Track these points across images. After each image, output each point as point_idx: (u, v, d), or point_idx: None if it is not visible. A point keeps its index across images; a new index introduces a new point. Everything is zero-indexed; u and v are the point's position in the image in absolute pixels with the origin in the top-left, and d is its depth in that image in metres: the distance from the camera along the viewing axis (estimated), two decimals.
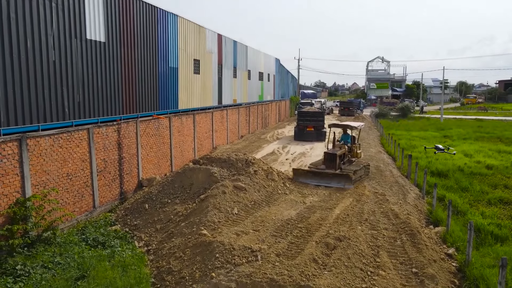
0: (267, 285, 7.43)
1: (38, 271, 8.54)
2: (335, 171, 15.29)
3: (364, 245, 9.15)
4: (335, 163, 15.60)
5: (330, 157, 15.86)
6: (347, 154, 17.16)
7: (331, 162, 15.74)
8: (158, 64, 17.12)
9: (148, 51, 16.26)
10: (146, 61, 16.14)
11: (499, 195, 14.93)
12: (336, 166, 15.61)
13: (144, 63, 16.00)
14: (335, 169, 15.49)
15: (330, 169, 15.47)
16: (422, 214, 12.46)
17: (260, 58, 35.36)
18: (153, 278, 8.71)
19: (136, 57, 15.34)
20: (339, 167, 15.78)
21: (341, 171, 15.47)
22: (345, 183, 14.78)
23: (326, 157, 16.10)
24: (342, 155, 16.53)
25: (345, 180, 14.87)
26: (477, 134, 33.60)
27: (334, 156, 15.77)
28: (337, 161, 15.66)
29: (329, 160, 15.85)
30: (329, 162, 15.79)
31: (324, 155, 16.28)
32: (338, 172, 15.30)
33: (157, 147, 16.99)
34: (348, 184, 14.72)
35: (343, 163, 16.43)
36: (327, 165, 15.82)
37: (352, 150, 17.56)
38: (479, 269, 8.23)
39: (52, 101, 11.16)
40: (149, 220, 11.90)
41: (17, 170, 9.89)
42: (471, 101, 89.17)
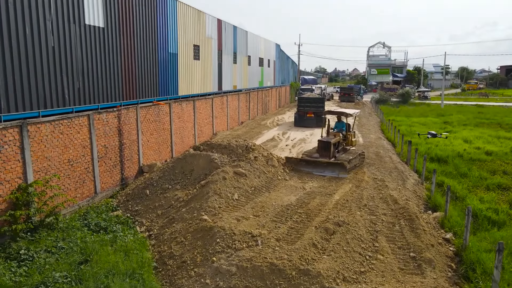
0: (267, 269, 7.56)
1: (41, 256, 8.68)
2: (329, 160, 14.93)
3: (363, 230, 9.27)
4: (329, 152, 15.21)
5: (324, 145, 15.42)
6: (342, 142, 16.79)
7: (325, 150, 15.32)
8: (158, 49, 17.00)
9: (148, 37, 16.13)
10: (146, 47, 16.03)
11: (498, 181, 15.03)
12: (331, 154, 15.24)
13: (144, 49, 15.89)
14: (329, 157, 15.12)
15: (324, 158, 15.10)
16: (421, 199, 12.57)
17: (260, 43, 35.07)
18: (155, 262, 8.86)
19: (135, 43, 15.23)
20: (333, 155, 15.40)
21: (335, 159, 15.10)
22: (339, 172, 14.45)
23: (320, 145, 15.64)
24: (337, 143, 16.15)
25: (339, 169, 14.53)
26: (477, 120, 33.60)
27: (328, 144, 15.35)
28: (331, 149, 15.27)
29: (323, 148, 15.42)
30: (323, 151, 15.36)
31: (318, 143, 15.79)
32: (332, 160, 14.94)
33: (157, 133, 17.01)
34: (342, 173, 14.40)
35: (337, 151, 16.05)
36: (321, 154, 15.40)
37: (347, 138, 17.15)
38: (476, 253, 8.36)
39: (52, 88, 11.14)
40: (150, 205, 12.02)
41: (19, 156, 9.94)
42: (472, 87, 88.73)
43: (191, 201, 11.21)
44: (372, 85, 78.92)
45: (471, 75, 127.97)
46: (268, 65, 38.40)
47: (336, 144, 16.06)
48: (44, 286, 7.30)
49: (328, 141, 15.40)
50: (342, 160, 14.89)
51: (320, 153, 15.55)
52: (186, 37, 19.84)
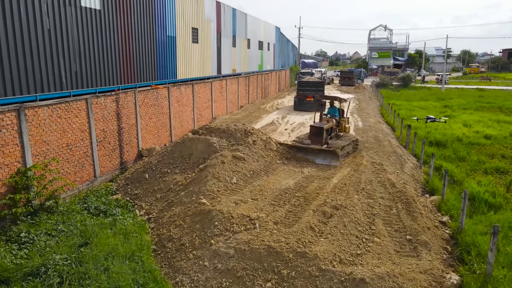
0: (265, 251, 7.66)
1: (42, 238, 8.77)
2: (321, 147, 14.41)
3: (360, 213, 9.35)
4: (321, 138, 14.60)
5: (317, 131, 14.77)
6: (335, 128, 16.24)
7: (317, 136, 14.71)
8: (156, 32, 16.81)
9: (145, 19, 15.92)
10: (144, 30, 15.84)
11: (496, 165, 15.08)
12: (323, 140, 14.63)
13: (142, 32, 15.71)
14: (322, 144, 14.55)
15: (316, 144, 14.60)
16: (418, 183, 12.63)
17: (259, 26, 34.63)
18: (154, 245, 8.96)
19: (133, 25, 15.04)
20: (325, 142, 14.81)
21: (327, 146, 14.58)
22: (331, 159, 14.03)
23: (312, 130, 14.95)
24: (330, 129, 15.57)
25: (331, 156, 14.09)
26: (478, 104, 33.49)
27: (320, 130, 14.70)
28: (323, 135, 14.64)
29: (315, 134, 14.78)
30: (315, 136, 14.75)
31: (310, 128, 15.11)
32: (324, 147, 14.41)
33: (156, 117, 16.97)
34: (334, 161, 13.98)
35: (330, 137, 15.49)
36: (313, 140, 14.81)
37: (340, 124, 16.58)
38: (471, 236, 8.45)
39: (49, 71, 11.06)
40: (149, 189, 12.09)
41: (17, 140, 9.94)
42: (473, 71, 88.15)
43: (190, 184, 11.27)
44: (373, 68, 78.35)
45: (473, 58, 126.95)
46: (267, 49, 38.03)
47: (329, 130, 15.53)
48: (45, 268, 7.39)
49: (321, 127, 14.78)
50: (335, 147, 14.36)
51: (312, 139, 14.92)
52: (185, 19, 19.58)
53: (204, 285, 7.34)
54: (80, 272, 7.35)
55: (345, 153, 15.07)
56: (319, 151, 14.35)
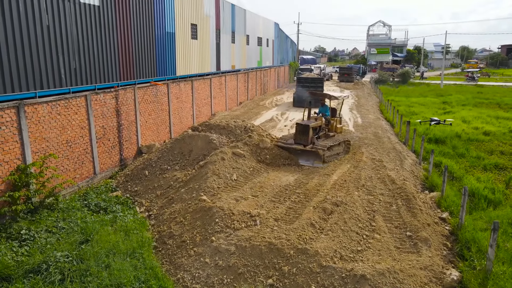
0: (266, 248, 7.67)
1: (42, 236, 8.77)
2: (303, 147, 13.45)
3: (361, 209, 9.37)
4: (307, 137, 13.55)
5: (302, 129, 13.68)
6: (324, 127, 15.18)
7: (303, 135, 13.66)
8: (155, 28, 16.74)
9: (144, 15, 15.84)
10: (142, 26, 15.77)
11: (495, 161, 15.11)
12: (309, 140, 13.57)
13: (140, 28, 15.64)
14: (307, 143, 13.55)
15: (302, 143, 13.61)
16: (418, 179, 12.66)
17: (258, 22, 34.52)
18: (155, 242, 8.96)
19: (131, 22, 14.97)
20: (311, 141, 13.73)
21: (313, 146, 13.60)
22: (314, 160, 13.15)
23: (297, 129, 13.86)
24: (318, 128, 14.56)
25: (314, 157, 13.20)
26: (477, 100, 33.51)
27: (306, 128, 13.61)
28: (309, 134, 13.57)
29: (301, 133, 13.71)
30: (301, 135, 13.70)
31: (296, 126, 14.02)
32: (308, 148, 13.44)
33: (155, 114, 16.94)
34: (317, 162, 13.07)
35: (318, 137, 14.44)
36: (299, 138, 13.74)
37: (330, 123, 15.51)
38: (471, 232, 8.48)
39: (48, 68, 11.01)
40: (149, 186, 12.08)
41: (17, 137, 9.91)
42: (472, 67, 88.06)
43: (190, 181, 11.27)
44: (371, 64, 78.24)
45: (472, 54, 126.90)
46: (266, 45, 37.93)
47: (317, 129, 14.57)
48: (46, 265, 7.40)
49: (307, 125, 13.70)
50: (320, 147, 13.39)
51: (297, 137, 13.83)
52: (184, 15, 19.50)
53: (205, 282, 7.35)
54: (82, 269, 7.36)
55: (334, 155, 14.11)
56: (301, 151, 13.46)
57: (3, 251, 8.04)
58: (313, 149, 13.31)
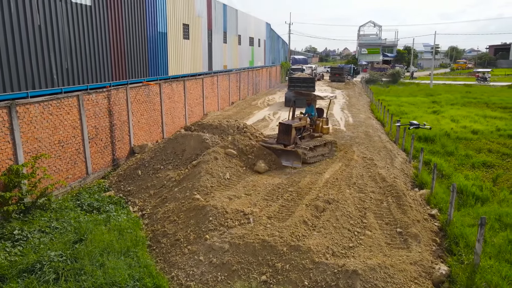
0: (259, 245, 7.78)
1: (36, 236, 8.76)
2: (283, 147, 13.14)
3: (352, 207, 9.53)
4: (289, 136, 13.31)
5: (285, 129, 13.49)
6: (309, 127, 14.80)
7: (285, 134, 13.45)
8: (147, 28, 16.74)
9: (136, 15, 15.84)
10: (134, 26, 15.77)
11: (483, 159, 15.43)
12: (291, 139, 13.33)
13: (132, 28, 15.64)
14: (290, 143, 13.32)
15: (284, 142, 13.37)
16: (408, 177, 12.88)
17: (250, 22, 34.63)
18: (149, 241, 9.01)
19: (123, 21, 14.96)
20: (294, 141, 13.49)
21: (295, 146, 13.34)
22: (293, 161, 12.82)
23: (280, 128, 13.70)
24: (301, 128, 14.24)
25: (294, 157, 12.86)
26: (465, 99, 34.04)
27: (289, 128, 13.38)
28: (291, 134, 13.33)
29: (283, 132, 13.51)
30: (283, 135, 13.49)
31: (279, 126, 13.86)
32: (289, 147, 13.15)
33: (148, 114, 16.94)
34: (296, 162, 12.74)
35: (301, 137, 14.11)
36: (281, 138, 13.51)
37: (316, 123, 15.06)
38: (459, 228, 8.68)
39: (40, 68, 10.98)
40: (142, 186, 12.11)
41: (8, 138, 9.88)
42: (461, 66, 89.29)
43: (183, 180, 11.32)
44: (362, 64, 78.88)
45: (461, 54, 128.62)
46: (258, 45, 38.05)
47: (301, 129, 14.25)
48: (40, 265, 7.41)
49: (289, 125, 13.48)
50: (302, 147, 13.17)
51: (279, 137, 13.60)
52: (176, 15, 19.53)
53: (200, 279, 7.43)
54: (76, 268, 7.38)
55: (318, 155, 13.72)
56: (282, 151, 13.09)
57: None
58: (293, 149, 13.03)
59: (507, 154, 16.43)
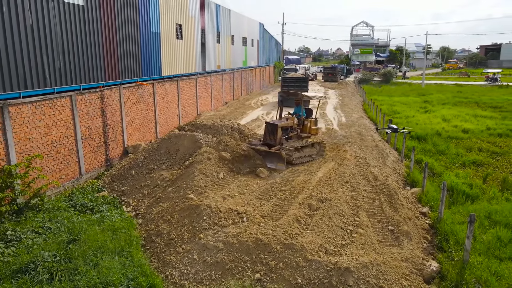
0: (253, 244, 7.84)
1: (29, 236, 8.73)
2: (268, 149, 12.82)
3: (345, 205, 9.63)
4: (275, 137, 13.05)
5: (271, 129, 13.22)
6: (296, 128, 14.33)
7: (271, 134, 13.19)
8: (140, 28, 16.72)
9: (129, 15, 15.82)
10: (127, 26, 15.75)
11: (473, 158, 15.65)
12: (277, 140, 13.04)
13: (125, 28, 15.61)
14: (276, 143, 13.06)
15: (270, 142, 13.14)
16: (400, 176, 13.02)
17: (243, 22, 34.67)
18: (143, 240, 9.03)
19: (116, 21, 14.94)
20: (280, 142, 13.19)
21: (280, 147, 13.04)
22: (277, 163, 12.48)
23: (266, 128, 13.44)
24: (288, 128, 13.88)
25: (277, 159, 12.51)
26: (456, 99, 34.44)
27: (274, 128, 13.06)
28: (278, 134, 13.03)
29: (269, 132, 13.25)
30: (269, 135, 13.24)
31: (265, 126, 13.60)
32: (273, 149, 12.83)
33: (141, 114, 16.92)
34: (280, 165, 12.39)
35: (288, 137, 13.77)
36: (267, 138, 13.25)
37: (304, 124, 14.51)
38: (449, 225, 8.83)
39: (32, 68, 10.94)
40: (136, 186, 12.11)
41: (1, 138, 9.84)
42: (452, 67, 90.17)
43: (177, 180, 11.34)
44: (355, 64, 79.31)
45: (452, 54, 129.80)
46: (251, 45, 38.11)
47: (288, 129, 13.90)
48: (34, 265, 7.40)
49: (275, 124, 13.14)
50: (285, 149, 12.86)
51: (265, 137, 13.32)
52: (169, 15, 19.52)
53: (194, 278, 7.47)
54: (70, 268, 7.38)
55: (305, 156, 13.42)
56: (266, 153, 12.73)
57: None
58: (277, 151, 12.71)
59: (496, 152, 16.69)
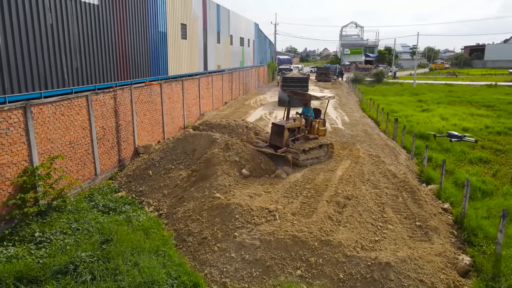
0: (291, 241, 7.94)
1: (58, 237, 8.66)
2: (274, 151, 12.51)
3: (371, 203, 9.81)
4: (282, 138, 12.75)
5: (277, 130, 12.96)
6: (304, 129, 13.87)
7: (277, 136, 12.93)
8: (149, 27, 16.64)
9: (139, 14, 15.72)
10: (137, 25, 15.65)
11: (479, 155, 16.06)
12: (284, 141, 12.74)
13: (136, 27, 15.52)
14: (282, 144, 12.78)
15: (277, 144, 12.91)
16: (413, 173, 13.29)
17: (241, 23, 34.73)
18: (173, 240, 9.03)
19: (127, 21, 14.84)
20: (286, 143, 12.88)
21: (286, 149, 12.74)
22: (283, 165, 12.10)
23: (273, 129, 13.18)
24: (295, 129, 13.52)
25: (282, 162, 12.14)
26: (449, 98, 35.17)
27: (281, 129, 12.78)
28: (284, 135, 12.72)
29: (275, 133, 13.00)
30: (276, 136, 12.99)
31: (272, 126, 13.34)
32: (279, 152, 12.54)
33: (150, 114, 16.84)
34: (286, 167, 12.01)
35: (295, 139, 13.43)
36: (273, 139, 13.01)
37: (312, 125, 13.98)
38: (476, 220, 9.09)
39: (52, 67, 10.81)
40: (155, 186, 12.06)
41: (24, 139, 9.70)
42: (439, 67, 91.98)
43: (199, 180, 11.35)
44: (345, 64, 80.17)
45: (437, 55, 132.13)
46: (248, 45, 38.18)
47: (295, 130, 13.54)
48: (73, 265, 7.34)
49: (282, 125, 12.85)
50: (295, 149, 12.61)
51: (272, 138, 13.09)
52: (175, 15, 19.46)
53: (234, 276, 7.53)
54: (110, 268, 7.35)
55: (312, 158, 13.07)
56: (271, 155, 12.37)
57: (21, 254, 7.92)
58: (283, 153, 12.39)
59: (499, 150, 17.16)
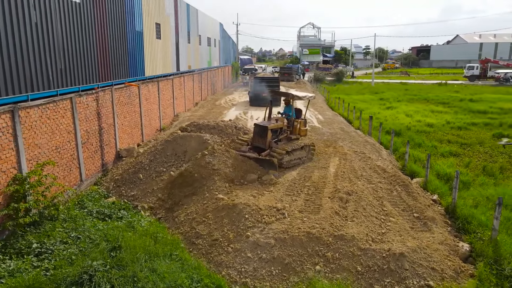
0: (305, 238, 8.10)
1: (59, 247, 8.24)
2: (258, 155, 12.27)
3: (370, 197, 10.21)
4: (265, 139, 12.53)
5: (260, 131, 12.72)
6: (286, 129, 13.68)
7: (260, 137, 12.69)
8: (126, 26, 16.10)
9: (117, 12, 15.18)
10: (116, 23, 15.10)
11: (449, 149, 17.18)
12: (266, 143, 12.55)
13: (115, 26, 14.97)
14: (266, 146, 12.57)
15: (260, 145, 12.72)
16: (397, 168, 13.96)
17: (208, 22, 34.45)
18: (182, 243, 8.86)
19: (107, 18, 14.28)
20: (269, 145, 12.67)
21: (270, 151, 12.49)
22: (269, 168, 11.95)
23: (255, 130, 12.94)
24: (278, 130, 13.24)
25: (268, 166, 11.99)
26: (408, 96, 37.13)
27: (264, 130, 12.55)
28: (267, 136, 12.51)
29: (258, 135, 12.76)
30: (258, 137, 12.75)
31: (254, 127, 13.09)
32: (263, 155, 12.32)
33: (130, 116, 16.31)
34: (272, 171, 11.87)
35: (277, 140, 13.19)
36: (256, 141, 12.81)
37: (293, 125, 13.79)
38: (468, 209, 9.77)
39: (38, 68, 10.20)
40: (147, 189, 11.73)
41: (12, 144, 9.08)
42: (390, 66, 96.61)
43: (195, 182, 11.19)
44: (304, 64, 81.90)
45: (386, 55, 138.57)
46: (214, 45, 37.95)
47: (278, 131, 13.28)
48: (87, 275, 7.01)
49: (265, 126, 12.61)
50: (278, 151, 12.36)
51: (254, 140, 12.88)
52: (150, 13, 18.97)
53: (254, 275, 7.56)
54: (128, 276, 7.10)
55: (295, 159, 12.80)
56: (255, 159, 12.14)
57: (23, 268, 7.44)
58: (266, 157, 12.22)
59: (465, 143, 18.45)
